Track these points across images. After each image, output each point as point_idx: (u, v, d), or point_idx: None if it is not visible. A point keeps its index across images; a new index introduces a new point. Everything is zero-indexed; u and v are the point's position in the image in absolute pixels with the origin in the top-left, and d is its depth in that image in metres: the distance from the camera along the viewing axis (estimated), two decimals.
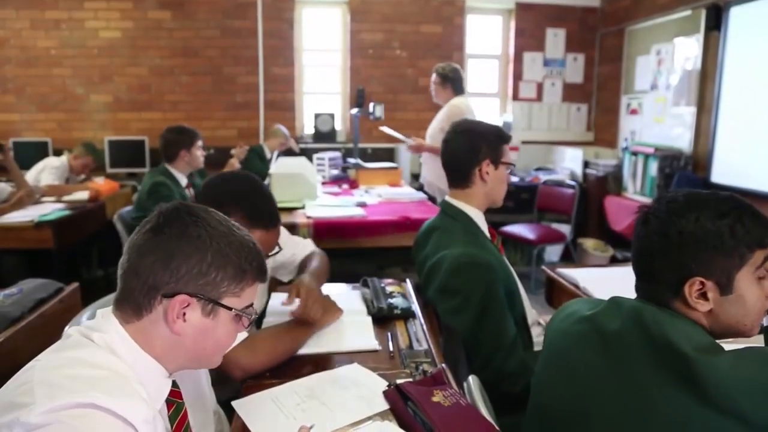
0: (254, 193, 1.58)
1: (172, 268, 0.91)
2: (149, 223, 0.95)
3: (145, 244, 0.92)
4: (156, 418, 0.86)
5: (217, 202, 1.44)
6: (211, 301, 0.94)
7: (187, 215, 0.95)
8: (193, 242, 0.92)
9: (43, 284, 1.92)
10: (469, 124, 1.91)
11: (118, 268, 0.96)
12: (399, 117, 5.52)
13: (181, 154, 3.26)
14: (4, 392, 0.84)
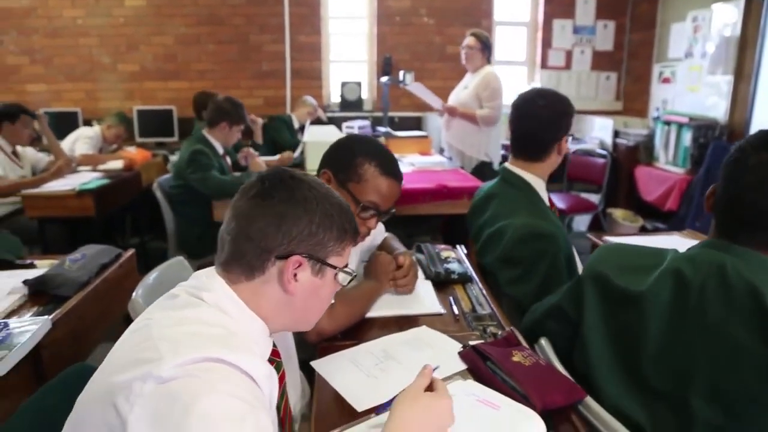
0: (383, 148, 1.61)
1: (284, 231, 0.93)
2: (253, 189, 0.96)
3: (254, 209, 0.94)
4: (272, 375, 0.88)
5: (350, 156, 1.47)
6: (320, 261, 0.95)
7: (290, 179, 0.97)
8: (302, 204, 0.94)
9: (104, 250, 1.95)
10: (552, 95, 1.81)
11: (222, 232, 0.98)
12: (426, 85, 5.38)
13: (222, 125, 3.26)
14: (124, 350, 0.86)
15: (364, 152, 1.55)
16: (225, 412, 0.75)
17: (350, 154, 1.54)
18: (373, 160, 1.54)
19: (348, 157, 1.54)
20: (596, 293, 1.26)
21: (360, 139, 1.67)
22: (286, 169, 1.00)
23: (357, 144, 1.60)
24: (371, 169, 1.53)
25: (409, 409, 0.92)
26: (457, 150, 4.00)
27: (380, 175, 1.53)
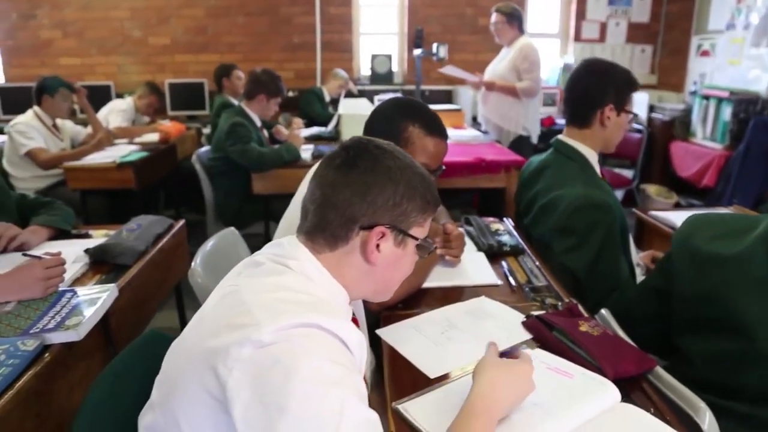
0: (422, 106, 1.60)
1: (369, 201, 0.92)
2: (337, 159, 0.96)
3: (339, 179, 0.94)
4: (362, 341, 0.89)
5: (391, 122, 1.47)
6: (402, 232, 0.95)
7: (374, 148, 0.96)
8: (386, 174, 0.93)
9: (157, 220, 1.97)
10: (601, 63, 1.82)
11: (305, 202, 0.98)
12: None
13: (260, 98, 3.25)
14: (216, 315, 0.87)
15: (406, 115, 1.53)
16: (325, 375, 0.76)
17: (392, 120, 1.53)
18: (416, 122, 1.52)
19: (390, 123, 1.52)
20: (688, 265, 1.26)
21: (398, 103, 1.64)
22: (370, 139, 0.99)
23: (396, 108, 1.58)
24: (416, 131, 1.52)
25: (494, 374, 0.94)
26: (494, 124, 3.96)
27: (426, 135, 1.52)
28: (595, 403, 1.02)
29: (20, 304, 1.38)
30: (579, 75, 1.82)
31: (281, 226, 1.58)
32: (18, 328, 1.26)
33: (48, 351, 1.21)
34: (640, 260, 2.02)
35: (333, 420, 0.72)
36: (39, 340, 1.20)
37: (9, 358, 1.13)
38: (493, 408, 0.90)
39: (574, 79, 1.84)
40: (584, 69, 1.82)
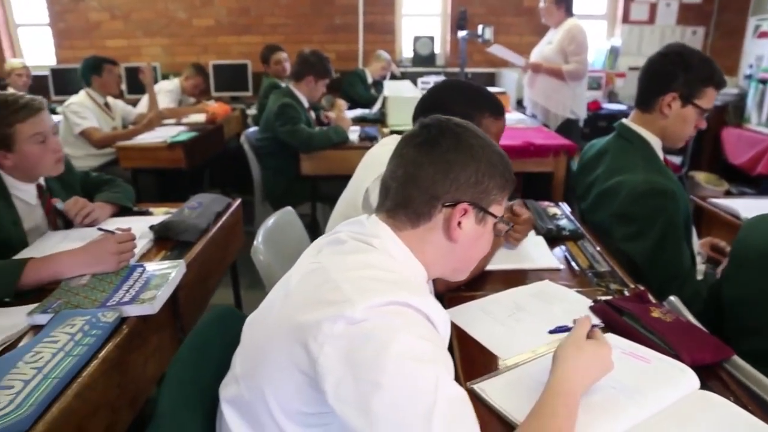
0: (475, 87, 1.58)
1: (452, 178, 0.92)
2: (419, 137, 0.96)
3: (422, 157, 0.94)
4: (447, 320, 0.89)
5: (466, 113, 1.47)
6: (483, 209, 0.95)
7: (455, 126, 0.97)
8: (469, 152, 0.94)
9: (216, 199, 2.00)
10: (680, 48, 1.73)
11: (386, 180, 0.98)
12: (502, 41, 5.23)
13: (308, 79, 3.26)
14: (304, 291, 0.88)
15: (476, 108, 1.51)
16: (418, 351, 0.77)
17: (447, 107, 1.50)
18: (485, 110, 1.50)
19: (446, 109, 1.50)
20: (757, 266, 1.23)
21: (449, 87, 1.62)
22: (450, 117, 0.99)
23: (449, 93, 1.56)
24: (487, 120, 1.50)
25: (574, 354, 0.93)
26: (541, 107, 3.90)
27: (495, 120, 1.51)
28: (674, 388, 1.00)
29: (94, 277, 1.42)
30: (654, 56, 1.76)
31: (338, 208, 1.58)
32: (95, 300, 1.30)
33: (125, 323, 1.24)
34: (700, 248, 1.98)
35: (428, 396, 0.73)
36: (117, 312, 1.24)
37: (92, 329, 1.16)
38: (577, 387, 0.90)
39: (649, 60, 1.77)
40: (661, 51, 1.75)
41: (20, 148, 1.64)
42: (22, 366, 1.04)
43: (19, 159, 1.65)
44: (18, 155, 1.65)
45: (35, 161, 1.68)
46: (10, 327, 1.24)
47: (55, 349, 1.09)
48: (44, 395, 0.97)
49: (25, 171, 1.70)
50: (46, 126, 1.69)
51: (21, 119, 1.63)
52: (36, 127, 1.65)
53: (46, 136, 1.68)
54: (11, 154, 1.64)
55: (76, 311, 1.25)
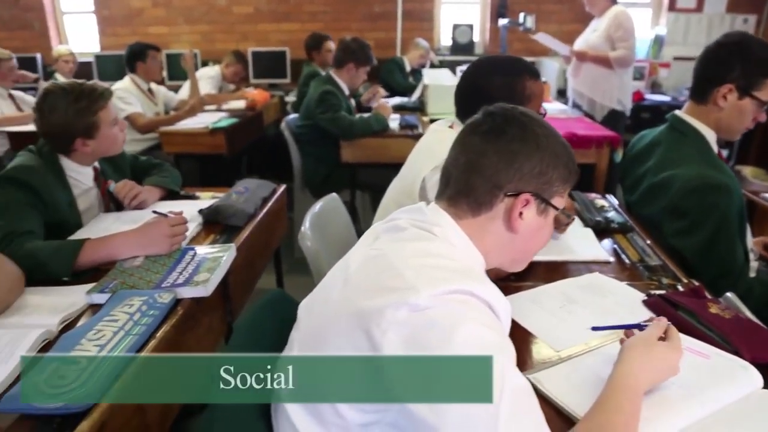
0: (516, 57, 1.60)
1: (516, 167, 0.92)
2: (484, 125, 0.95)
3: (486, 145, 0.93)
4: (508, 309, 0.89)
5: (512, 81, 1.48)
6: (545, 200, 0.94)
7: (521, 115, 0.95)
8: (534, 141, 0.92)
9: (262, 184, 2.02)
10: (739, 38, 1.66)
11: (448, 167, 0.98)
12: (542, 29, 5.19)
13: (349, 66, 3.26)
14: (367, 277, 0.88)
15: (518, 73, 1.50)
16: (483, 340, 0.76)
17: (511, 85, 1.50)
18: (525, 74, 1.50)
19: (512, 88, 1.49)
20: None
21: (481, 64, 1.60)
22: (515, 106, 0.98)
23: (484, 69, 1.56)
24: (530, 83, 1.50)
25: (644, 352, 0.92)
26: (587, 98, 3.82)
27: (536, 82, 1.52)
28: (736, 386, 0.98)
29: (148, 259, 1.45)
30: (711, 45, 1.69)
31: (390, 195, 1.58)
32: (150, 282, 1.33)
33: (180, 305, 1.27)
34: (753, 246, 1.92)
35: (494, 386, 0.73)
36: (172, 294, 1.26)
37: (150, 309, 1.19)
38: (642, 385, 0.89)
39: (706, 49, 1.71)
40: (719, 40, 1.69)
41: (102, 133, 1.73)
42: (85, 343, 1.07)
43: (98, 144, 1.74)
44: (98, 141, 1.73)
45: (111, 143, 1.78)
46: (70, 305, 1.28)
47: (116, 327, 1.12)
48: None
49: (100, 153, 1.79)
50: (113, 108, 1.80)
51: (102, 107, 1.72)
52: (112, 112, 1.76)
53: (117, 118, 1.79)
54: (92, 140, 1.72)
55: (132, 291, 1.28)
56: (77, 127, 1.69)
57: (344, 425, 0.87)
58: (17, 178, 1.59)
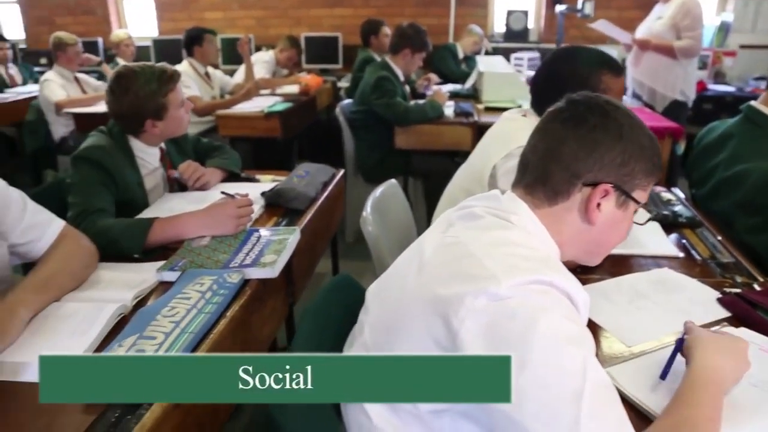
0: (599, 50, 1.55)
1: (596, 157, 0.89)
2: (566, 113, 0.94)
3: (567, 133, 0.91)
4: (587, 301, 0.87)
5: (588, 74, 1.44)
6: (625, 193, 0.92)
7: (606, 104, 0.93)
8: (618, 131, 0.90)
9: (322, 168, 2.04)
10: None
11: (526, 154, 0.96)
12: (599, 16, 5.05)
13: (404, 52, 3.25)
14: (443, 264, 0.88)
15: (596, 66, 1.47)
16: (564, 332, 0.75)
17: (587, 77, 1.46)
18: (604, 68, 1.47)
19: (586, 81, 1.45)
20: None
21: (563, 52, 1.58)
22: (600, 95, 0.96)
23: (564, 57, 1.53)
24: (608, 78, 1.46)
25: (715, 347, 0.90)
26: (648, 88, 3.69)
27: (615, 78, 1.48)
28: None
29: (215, 239, 1.48)
30: None
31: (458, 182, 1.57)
32: (218, 262, 1.36)
33: (247, 285, 1.29)
34: None
35: (576, 378, 0.71)
36: (241, 274, 1.29)
37: (220, 288, 1.22)
38: (719, 380, 0.86)
39: None
40: None
41: (170, 115, 1.77)
42: (161, 319, 1.10)
43: (166, 125, 1.78)
44: (166, 122, 1.78)
45: (178, 124, 1.83)
46: (141, 281, 1.32)
47: (189, 305, 1.15)
48: (183, 348, 1.03)
49: (167, 135, 1.84)
50: (182, 91, 1.84)
51: (171, 89, 1.76)
52: (180, 94, 1.81)
53: (184, 100, 1.83)
54: (160, 122, 1.77)
55: (201, 271, 1.31)
56: (147, 108, 1.73)
57: (416, 412, 0.87)
58: (90, 158, 1.64)
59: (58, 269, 1.25)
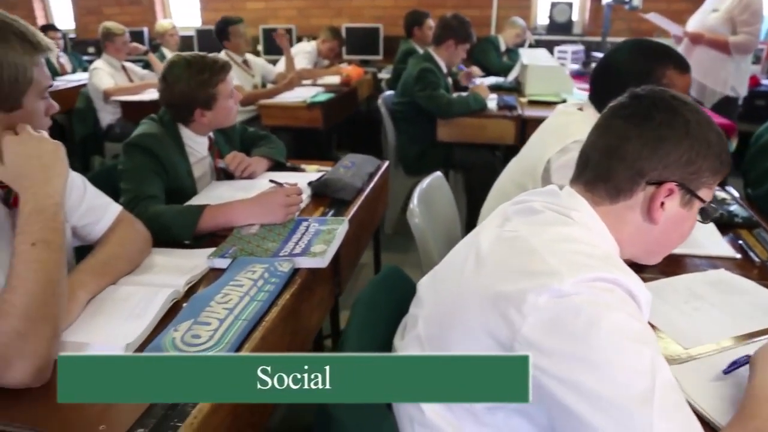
0: (665, 44, 1.51)
1: (661, 155, 0.87)
2: (630, 108, 0.92)
3: (630, 129, 0.89)
4: (649, 301, 0.85)
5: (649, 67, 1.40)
6: (691, 191, 0.89)
7: (672, 99, 0.91)
8: (684, 128, 0.88)
9: (368, 159, 2.04)
10: None
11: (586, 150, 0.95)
12: (648, 8, 4.93)
13: (448, 43, 3.22)
14: (502, 260, 0.87)
15: (660, 60, 1.43)
16: (631, 331, 0.74)
17: (648, 71, 1.41)
18: (670, 63, 1.42)
19: (647, 74, 1.40)
20: None
21: (625, 44, 1.53)
22: (666, 89, 0.93)
23: (625, 49, 1.48)
24: (673, 74, 1.42)
25: None
26: (697, 83, 3.58)
27: (680, 75, 1.43)
28: None
29: (263, 227, 1.50)
30: None
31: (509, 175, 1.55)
32: (268, 250, 1.38)
33: (297, 274, 1.30)
34: None
35: (646, 378, 0.70)
36: (291, 263, 1.30)
37: (271, 277, 1.23)
38: None
39: None
40: None
41: (218, 105, 1.79)
42: (214, 305, 1.12)
43: (214, 115, 1.80)
44: (215, 112, 1.80)
45: (227, 114, 1.84)
46: (193, 268, 1.34)
47: (242, 292, 1.17)
48: (237, 335, 1.04)
49: (215, 125, 1.85)
50: (232, 82, 1.85)
51: (222, 79, 1.78)
52: (230, 85, 1.82)
53: (233, 91, 1.84)
54: (209, 111, 1.79)
55: (252, 259, 1.33)
56: (198, 97, 1.76)
57: (469, 407, 0.87)
58: (141, 145, 1.67)
59: (115, 253, 1.28)
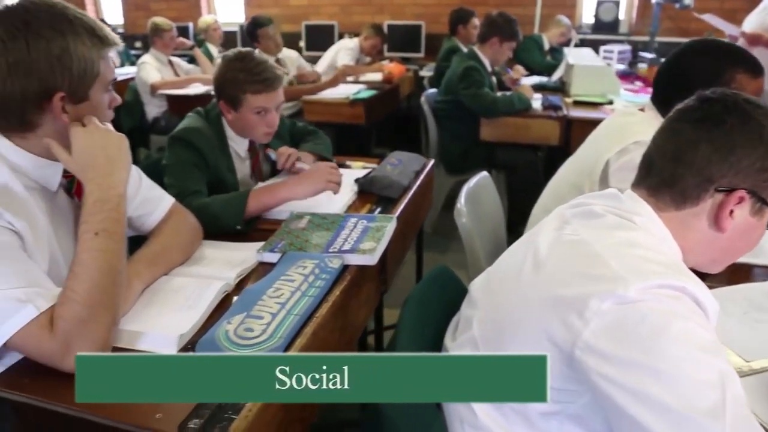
0: (738, 46, 1.50)
1: (732, 161, 0.85)
2: (699, 112, 0.89)
3: (699, 134, 0.87)
4: (717, 311, 0.83)
5: (718, 68, 1.37)
6: (762, 200, 0.86)
7: (745, 103, 0.88)
8: (758, 133, 0.85)
9: (413, 157, 2.03)
10: None
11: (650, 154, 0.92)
12: (701, 7, 4.80)
13: (493, 41, 3.20)
14: (563, 263, 0.86)
15: (730, 62, 1.38)
16: (699, 340, 0.72)
17: (717, 72, 1.37)
18: (740, 66, 1.38)
19: (715, 75, 1.36)
20: None
21: (693, 44, 1.49)
22: (738, 92, 0.90)
23: (693, 49, 1.44)
24: (744, 77, 1.38)
25: None
26: None
27: (753, 79, 1.38)
28: None
29: (311, 222, 1.51)
30: None
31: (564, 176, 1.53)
32: (317, 246, 1.38)
33: (347, 271, 1.30)
34: None
35: (716, 391, 0.68)
36: (341, 260, 1.30)
37: (322, 273, 1.24)
38: None
39: None
40: None
41: (242, 112, 1.72)
42: (267, 299, 1.13)
43: (237, 119, 1.75)
44: (238, 116, 1.74)
45: (248, 127, 1.77)
46: (243, 261, 1.35)
47: (293, 287, 1.17)
48: (289, 329, 1.05)
49: (238, 129, 1.80)
50: (271, 103, 1.73)
51: (253, 91, 1.68)
52: (261, 102, 1.70)
53: (268, 111, 1.73)
54: (234, 112, 1.74)
55: (302, 254, 1.33)
56: (225, 91, 1.71)
57: (523, 411, 0.86)
58: (185, 139, 1.68)
59: (168, 244, 1.30)
